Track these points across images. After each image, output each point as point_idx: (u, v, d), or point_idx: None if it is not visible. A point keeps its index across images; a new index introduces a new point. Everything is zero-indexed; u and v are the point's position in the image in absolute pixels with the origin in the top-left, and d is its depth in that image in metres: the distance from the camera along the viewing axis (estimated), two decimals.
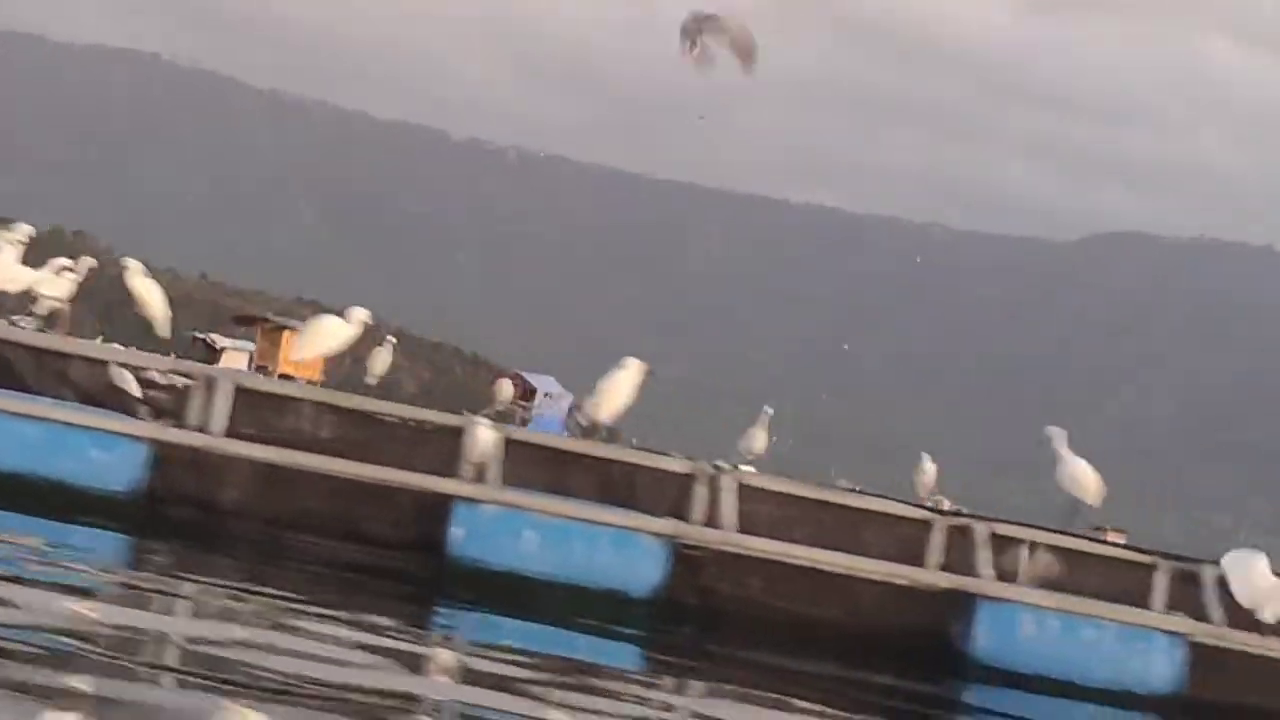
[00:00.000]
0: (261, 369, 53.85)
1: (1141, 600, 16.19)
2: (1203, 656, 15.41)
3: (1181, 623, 15.65)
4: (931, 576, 16.05)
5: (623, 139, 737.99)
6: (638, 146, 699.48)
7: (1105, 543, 18.42)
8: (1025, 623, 15.39)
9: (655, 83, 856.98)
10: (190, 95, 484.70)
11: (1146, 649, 15.40)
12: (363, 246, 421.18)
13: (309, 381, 56.27)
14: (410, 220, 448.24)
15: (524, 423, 48.08)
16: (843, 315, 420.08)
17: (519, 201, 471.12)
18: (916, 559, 16.28)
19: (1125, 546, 18.59)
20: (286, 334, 54.95)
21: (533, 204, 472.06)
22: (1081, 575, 16.54)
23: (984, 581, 15.99)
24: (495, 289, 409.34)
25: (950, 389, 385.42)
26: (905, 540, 16.55)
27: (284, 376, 46.37)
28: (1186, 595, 16.25)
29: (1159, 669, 15.35)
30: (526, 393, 63.72)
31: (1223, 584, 16.03)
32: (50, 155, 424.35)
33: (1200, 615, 15.95)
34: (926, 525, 16.64)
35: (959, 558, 16.35)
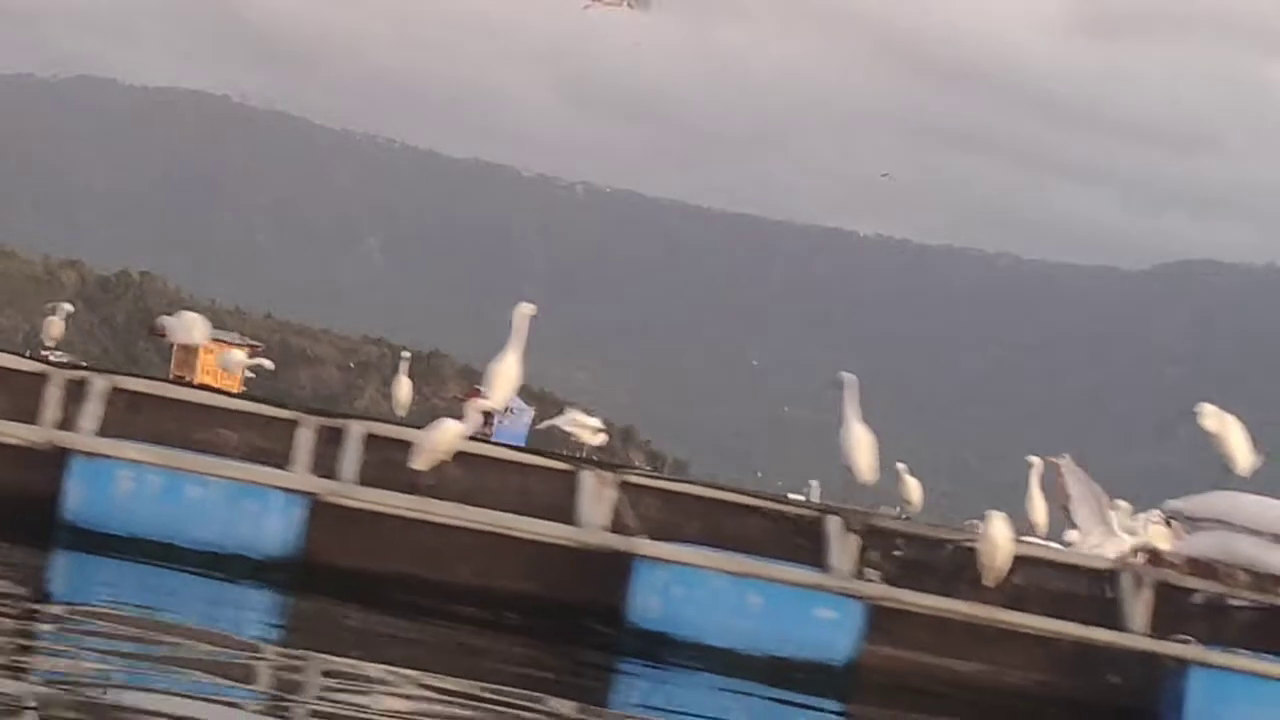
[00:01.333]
0: (179, 378, 54.37)
1: (284, 459, 14.77)
2: (325, 516, 14.15)
3: (299, 480, 14.39)
4: (39, 434, 14.39)
5: (689, 172, 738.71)
6: (705, 179, 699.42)
7: (246, 399, 17.11)
8: (122, 479, 13.91)
9: (721, 115, 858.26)
10: (261, 136, 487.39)
11: (260, 509, 14.08)
12: (433, 284, 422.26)
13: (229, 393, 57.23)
14: (480, 257, 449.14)
15: (485, 438, 48.30)
16: (914, 346, 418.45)
17: (588, 237, 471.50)
18: (32, 417, 14.66)
19: (266, 401, 16.94)
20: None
21: (602, 239, 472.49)
22: (214, 434, 15.11)
23: (80, 436, 14.34)
24: (564, 325, 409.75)
25: (1023, 417, 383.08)
26: (21, 397, 14.88)
27: (202, 386, 47.80)
28: (328, 454, 14.87)
29: (273, 530, 14.07)
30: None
31: (371, 440, 14.97)
32: (121, 197, 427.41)
33: (332, 473, 14.64)
34: (42, 379, 15.05)
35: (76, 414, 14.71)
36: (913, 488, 24.93)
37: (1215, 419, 16.76)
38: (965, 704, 14.01)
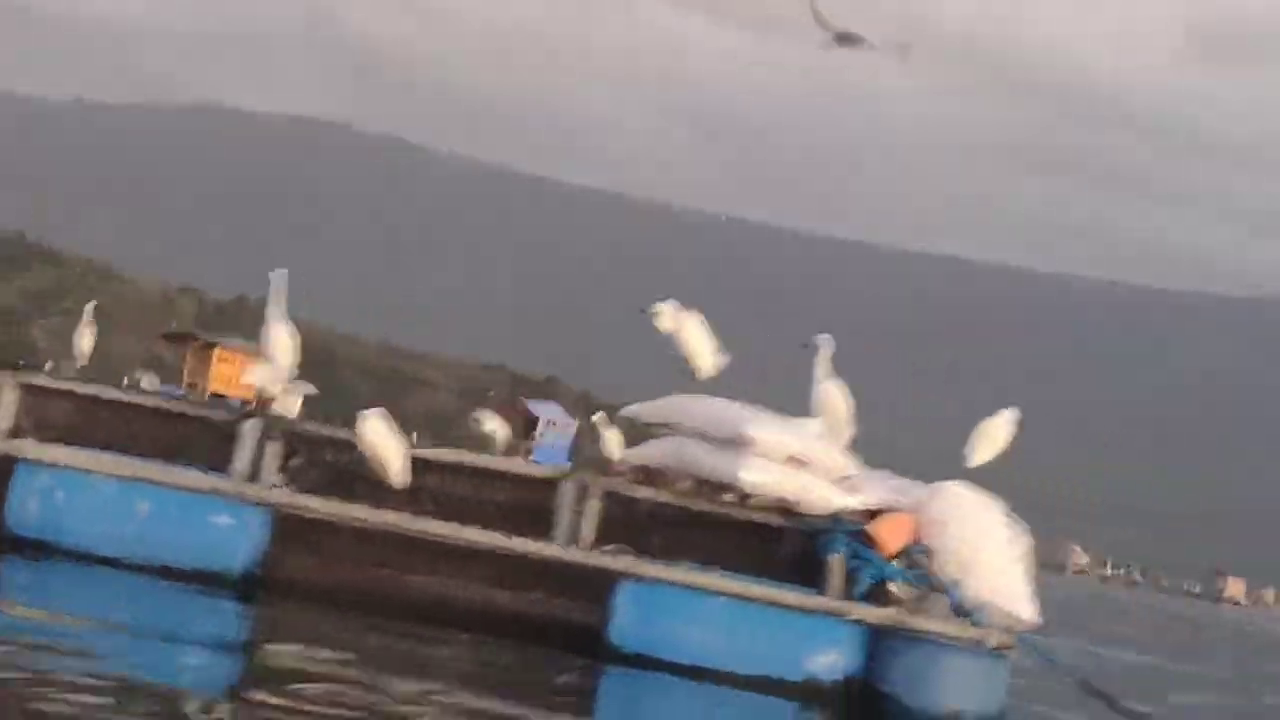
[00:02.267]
0: (192, 386, 54.58)
1: None
2: None
3: None
4: None
5: (799, 198, 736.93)
6: (816, 204, 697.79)
7: None
8: None
9: (835, 141, 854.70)
10: (380, 162, 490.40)
11: None
12: (549, 311, 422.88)
13: (244, 401, 56.86)
14: (595, 285, 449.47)
15: (527, 452, 46.75)
16: (1016, 374, 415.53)
17: (702, 259, 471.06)
18: None
19: None
20: (216, 351, 56.64)
21: (717, 265, 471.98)
22: None
23: None
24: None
25: (1128, 442, 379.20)
26: None
27: (215, 395, 47.30)
28: None
29: None
30: (530, 421, 62.44)
31: None
32: (240, 224, 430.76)
33: None
34: None
35: None
36: (613, 441, 23.81)
37: (670, 318, 15.69)
38: (407, 615, 13.39)
